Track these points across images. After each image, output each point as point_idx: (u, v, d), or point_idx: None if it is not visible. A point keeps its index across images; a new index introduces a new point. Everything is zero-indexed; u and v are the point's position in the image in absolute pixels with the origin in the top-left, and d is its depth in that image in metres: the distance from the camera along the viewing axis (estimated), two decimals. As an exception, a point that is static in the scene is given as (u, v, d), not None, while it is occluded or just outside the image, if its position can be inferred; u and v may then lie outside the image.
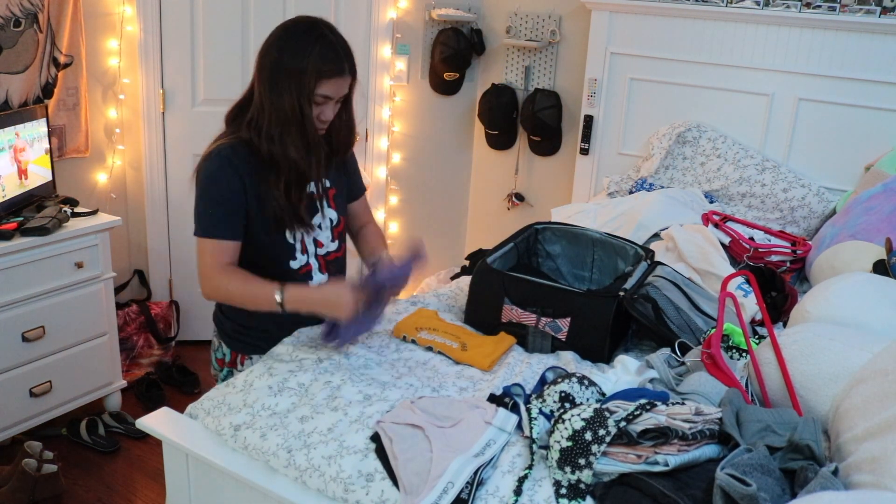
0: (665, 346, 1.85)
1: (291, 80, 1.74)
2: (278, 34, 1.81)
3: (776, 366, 1.58)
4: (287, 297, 1.75)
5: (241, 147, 1.81)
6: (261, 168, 1.81)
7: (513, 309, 2.05)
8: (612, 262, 2.38)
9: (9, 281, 2.65)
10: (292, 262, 1.90)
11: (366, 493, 1.43)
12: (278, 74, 1.76)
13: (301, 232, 1.89)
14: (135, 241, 3.65)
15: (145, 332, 3.53)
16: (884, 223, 2.41)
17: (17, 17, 2.95)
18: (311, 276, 1.94)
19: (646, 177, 3.34)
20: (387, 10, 3.67)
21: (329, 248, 1.97)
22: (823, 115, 3.13)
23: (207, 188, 1.81)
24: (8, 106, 2.96)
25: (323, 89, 1.77)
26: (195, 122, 3.55)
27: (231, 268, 1.82)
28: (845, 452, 1.35)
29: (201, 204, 1.82)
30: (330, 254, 1.98)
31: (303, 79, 1.74)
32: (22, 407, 2.78)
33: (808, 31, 3.09)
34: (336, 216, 1.98)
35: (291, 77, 1.74)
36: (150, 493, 2.75)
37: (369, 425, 1.56)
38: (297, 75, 1.74)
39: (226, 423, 1.63)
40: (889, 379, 1.36)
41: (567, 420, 1.40)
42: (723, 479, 1.21)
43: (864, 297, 1.76)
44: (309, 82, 1.74)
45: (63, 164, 3.23)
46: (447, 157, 4.19)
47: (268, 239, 1.86)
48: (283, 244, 1.88)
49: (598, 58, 3.55)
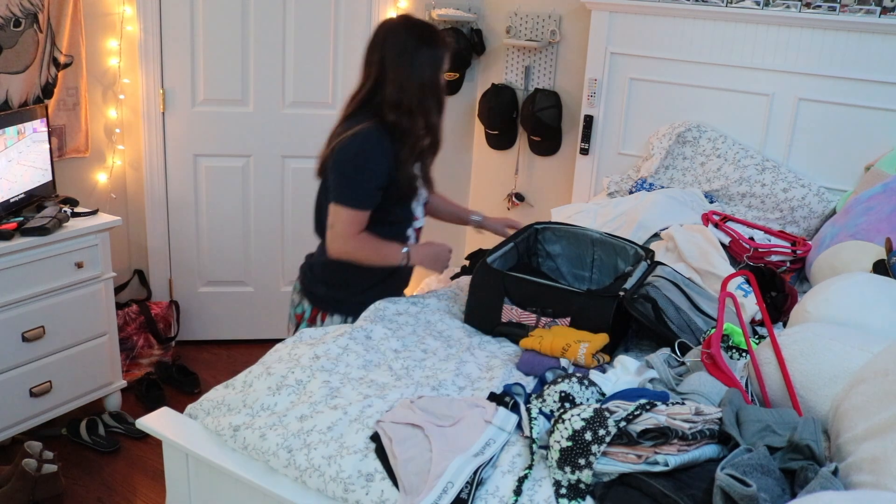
0: (665, 346, 1.85)
1: (428, 58, 2.07)
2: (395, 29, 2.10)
3: (776, 366, 1.58)
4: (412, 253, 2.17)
5: (380, 130, 2.06)
6: (396, 147, 2.08)
7: (513, 309, 2.05)
8: (612, 262, 2.38)
9: (9, 281, 2.65)
10: (416, 224, 2.25)
11: (366, 493, 1.43)
12: (416, 55, 2.06)
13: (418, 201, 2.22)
14: (135, 241, 3.65)
15: (145, 332, 3.53)
16: (884, 223, 2.41)
17: (17, 17, 2.95)
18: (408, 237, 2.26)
19: (646, 177, 3.34)
20: (387, 10, 3.67)
21: (420, 223, 2.30)
22: (823, 115, 3.13)
23: (357, 160, 2.04)
24: (8, 106, 2.96)
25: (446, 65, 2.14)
26: (195, 122, 3.55)
27: (363, 234, 2.10)
28: (845, 452, 1.35)
29: (347, 174, 2.05)
30: (419, 228, 2.30)
31: (437, 56, 2.09)
32: (22, 407, 2.78)
33: (808, 31, 3.09)
34: (425, 193, 2.28)
35: (428, 56, 2.07)
36: (150, 493, 2.75)
37: (369, 425, 1.56)
38: (432, 54, 2.08)
39: (225, 423, 1.63)
40: (889, 379, 1.35)
41: (567, 420, 1.40)
42: (723, 480, 1.21)
43: (864, 297, 1.76)
44: (442, 58, 2.11)
45: (63, 164, 3.23)
46: (447, 157, 4.18)
47: (397, 211, 2.16)
48: (408, 212, 2.20)
49: (598, 58, 3.55)
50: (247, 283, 3.84)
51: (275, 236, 3.80)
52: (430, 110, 2.11)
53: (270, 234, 3.79)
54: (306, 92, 3.64)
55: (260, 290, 3.86)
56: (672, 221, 2.78)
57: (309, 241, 3.82)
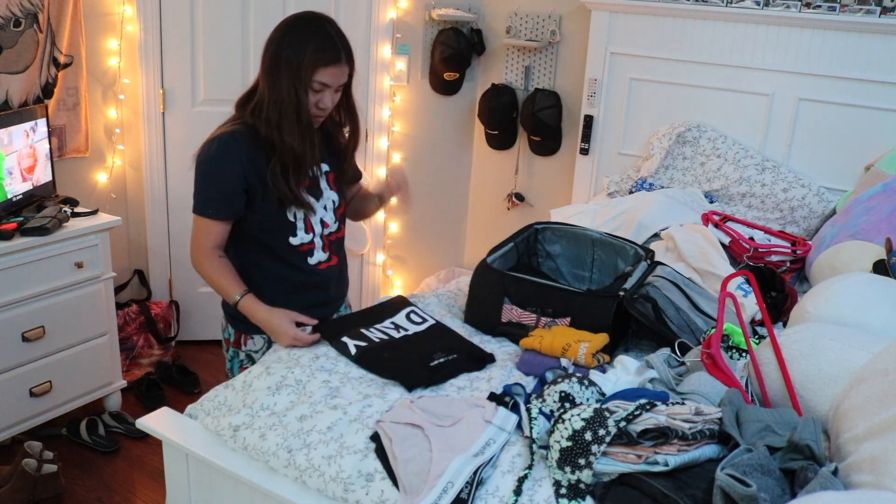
0: (665, 346, 1.85)
1: (290, 69, 1.85)
2: (281, 27, 1.92)
3: (776, 366, 1.58)
4: (242, 303, 1.94)
5: (242, 133, 1.92)
6: (263, 151, 1.92)
7: (513, 309, 2.05)
8: (612, 262, 2.38)
9: (9, 281, 2.65)
10: (292, 239, 2.00)
11: (366, 493, 1.43)
12: (278, 64, 1.87)
13: (301, 211, 1.99)
14: (135, 241, 3.65)
15: (145, 332, 3.53)
16: (884, 223, 2.41)
17: (17, 17, 2.95)
18: (311, 254, 2.04)
19: (646, 177, 3.34)
20: (387, 10, 3.67)
21: (332, 229, 2.08)
22: (823, 115, 3.13)
23: (205, 171, 1.93)
24: (8, 106, 2.96)
25: (320, 76, 1.87)
26: (195, 122, 3.55)
27: (215, 254, 1.96)
28: (845, 452, 1.35)
29: (199, 182, 1.94)
30: (332, 234, 2.09)
31: (300, 67, 1.85)
32: (22, 407, 2.78)
33: (808, 31, 3.09)
34: (337, 198, 2.09)
35: (290, 66, 1.85)
36: (150, 493, 2.75)
37: (369, 425, 1.56)
38: (295, 64, 1.85)
39: (225, 423, 1.63)
40: (889, 379, 1.35)
41: (567, 420, 1.40)
42: (723, 480, 1.21)
43: (864, 297, 1.76)
44: (306, 70, 1.85)
45: (63, 164, 3.23)
46: (447, 157, 4.19)
47: (272, 216, 1.97)
48: (284, 222, 1.98)
49: (598, 58, 3.55)
50: (247, 283, 3.84)
51: (275, 236, 3.80)
52: (284, 130, 1.87)
53: (270, 234, 3.79)
54: (306, 92, 3.64)
55: (260, 290, 3.85)
56: (672, 221, 2.78)
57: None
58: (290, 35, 1.88)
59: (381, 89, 3.80)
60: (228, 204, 1.93)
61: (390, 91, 3.84)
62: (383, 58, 3.75)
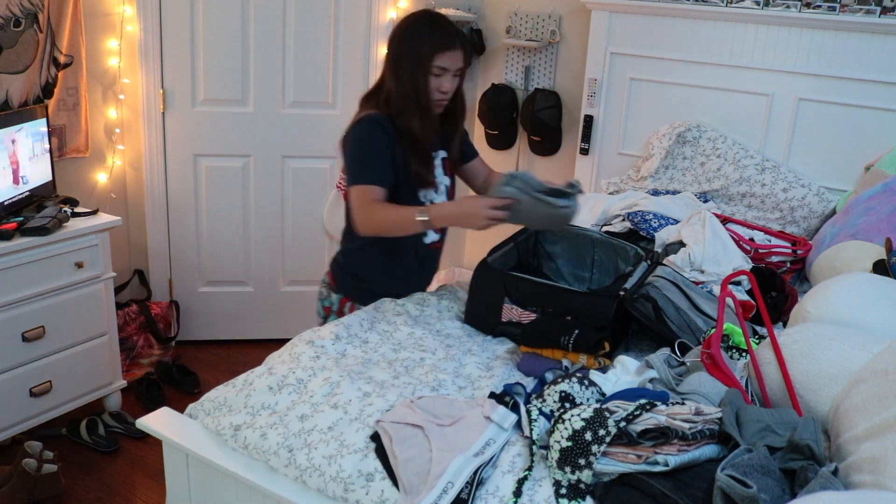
0: (665, 345, 1.84)
1: (412, 58, 2.06)
2: (400, 26, 2.13)
3: (776, 366, 1.58)
4: (432, 214, 2.03)
5: (382, 118, 2.11)
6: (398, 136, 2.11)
7: (513, 308, 2.05)
8: (613, 262, 2.38)
9: (9, 281, 2.65)
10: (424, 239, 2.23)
11: (366, 492, 1.43)
12: (400, 57, 2.09)
13: (430, 192, 2.19)
14: (135, 241, 3.65)
15: (145, 332, 3.53)
16: (884, 223, 2.41)
17: (17, 17, 2.95)
18: (426, 233, 2.24)
19: (646, 176, 3.34)
20: (387, 10, 3.67)
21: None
22: (823, 115, 3.13)
23: (360, 143, 2.10)
24: (8, 106, 2.96)
25: (439, 61, 2.05)
26: (195, 122, 3.55)
27: (379, 202, 2.08)
28: (845, 452, 1.35)
29: (354, 157, 2.11)
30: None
31: (421, 55, 2.05)
32: (22, 407, 2.78)
33: (808, 31, 3.09)
34: (449, 182, 2.28)
35: (411, 56, 2.06)
36: (150, 493, 2.75)
37: (369, 424, 1.56)
38: (416, 53, 2.05)
39: (226, 423, 1.63)
40: (889, 379, 1.35)
41: (567, 420, 1.40)
42: (723, 481, 1.21)
43: (864, 297, 1.76)
44: (427, 56, 2.04)
45: (63, 164, 3.23)
46: (447, 157, 4.19)
47: (405, 196, 2.14)
48: (416, 202, 2.16)
49: (598, 58, 3.55)
50: (247, 283, 3.84)
51: (275, 236, 3.80)
52: (406, 113, 2.09)
53: (270, 234, 3.79)
54: (306, 92, 3.64)
55: (260, 290, 3.86)
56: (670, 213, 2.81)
57: (308, 240, 3.84)
58: (409, 29, 2.08)
59: (381, 89, 3.79)
60: (384, 171, 2.09)
61: (390, 91, 3.84)
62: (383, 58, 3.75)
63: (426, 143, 2.13)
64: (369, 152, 2.09)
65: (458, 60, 2.08)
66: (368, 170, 2.09)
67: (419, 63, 2.05)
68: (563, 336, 1.85)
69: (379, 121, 2.10)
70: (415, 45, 2.05)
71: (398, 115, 2.09)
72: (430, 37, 2.05)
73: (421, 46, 2.05)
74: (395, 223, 2.08)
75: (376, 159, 2.09)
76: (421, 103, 2.08)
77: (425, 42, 2.05)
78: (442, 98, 2.11)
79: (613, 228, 2.82)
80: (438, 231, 2.28)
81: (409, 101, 2.07)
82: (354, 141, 2.11)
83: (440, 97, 2.11)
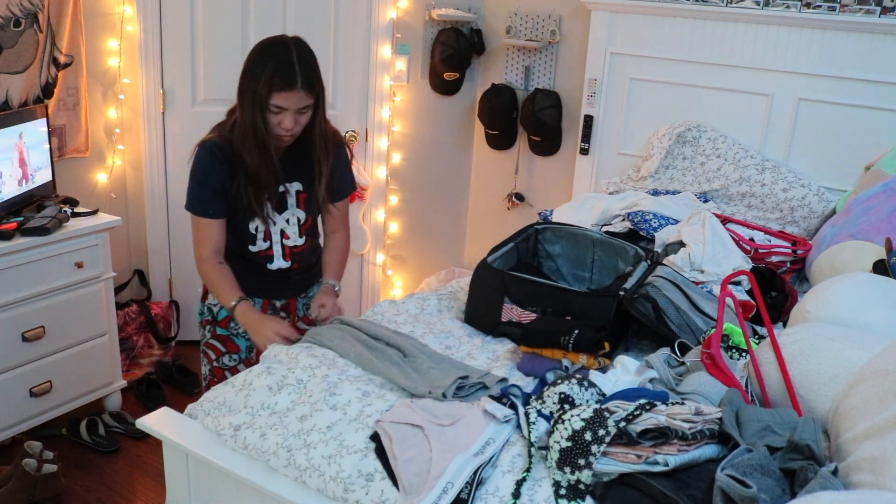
0: (665, 345, 1.85)
1: (251, 93, 1.97)
2: (250, 53, 2.03)
3: (776, 366, 1.58)
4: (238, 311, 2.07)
5: (225, 144, 2.06)
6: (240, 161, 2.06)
7: (513, 308, 2.05)
8: (613, 262, 2.39)
9: (9, 281, 2.65)
10: (251, 247, 2.17)
11: (366, 492, 1.43)
12: (243, 88, 2.00)
13: (259, 223, 2.13)
14: (135, 241, 3.65)
15: (145, 332, 3.53)
16: (884, 223, 2.41)
17: (17, 17, 2.95)
18: (271, 260, 2.19)
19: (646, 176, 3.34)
20: (387, 10, 3.67)
21: (296, 242, 2.21)
22: (823, 115, 3.12)
23: (196, 171, 2.08)
24: (8, 106, 2.96)
25: (275, 100, 1.96)
26: (195, 122, 3.55)
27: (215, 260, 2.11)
28: (845, 452, 1.35)
29: (191, 182, 2.10)
30: (297, 246, 2.21)
31: (258, 91, 1.95)
32: (22, 407, 2.77)
33: (808, 31, 3.09)
34: (304, 215, 2.20)
35: (250, 90, 1.97)
36: (150, 493, 2.75)
37: (369, 424, 1.56)
38: (253, 88, 1.96)
39: (225, 423, 1.63)
40: (889, 379, 1.35)
41: (567, 420, 1.40)
42: (723, 481, 1.21)
43: (864, 297, 1.76)
44: (263, 94, 1.95)
45: (63, 164, 3.23)
46: (447, 157, 4.19)
47: (237, 224, 2.14)
48: (245, 231, 2.14)
49: (598, 58, 3.55)
50: (247, 283, 3.84)
51: (275, 236, 3.80)
52: (245, 150, 2.01)
53: (270, 234, 3.79)
54: (306, 92, 3.64)
55: (260, 290, 3.85)
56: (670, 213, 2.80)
57: (309, 241, 3.83)
58: (254, 60, 2.00)
59: (381, 89, 3.80)
60: (217, 204, 2.08)
61: (390, 91, 3.84)
62: (383, 58, 3.75)
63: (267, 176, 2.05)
64: (204, 183, 2.07)
65: (297, 100, 1.97)
66: (202, 201, 2.08)
67: (256, 100, 1.96)
68: (563, 336, 1.85)
69: (216, 149, 2.05)
70: (254, 79, 1.96)
71: (239, 146, 2.02)
72: (270, 73, 1.94)
73: (258, 82, 1.94)
74: (214, 289, 2.14)
75: (208, 191, 2.07)
76: (258, 139, 1.99)
77: (262, 80, 1.94)
78: (285, 134, 2.01)
79: (613, 228, 2.82)
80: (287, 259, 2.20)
81: (248, 135, 2.00)
82: (194, 165, 2.08)
83: (283, 133, 2.00)
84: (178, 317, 3.68)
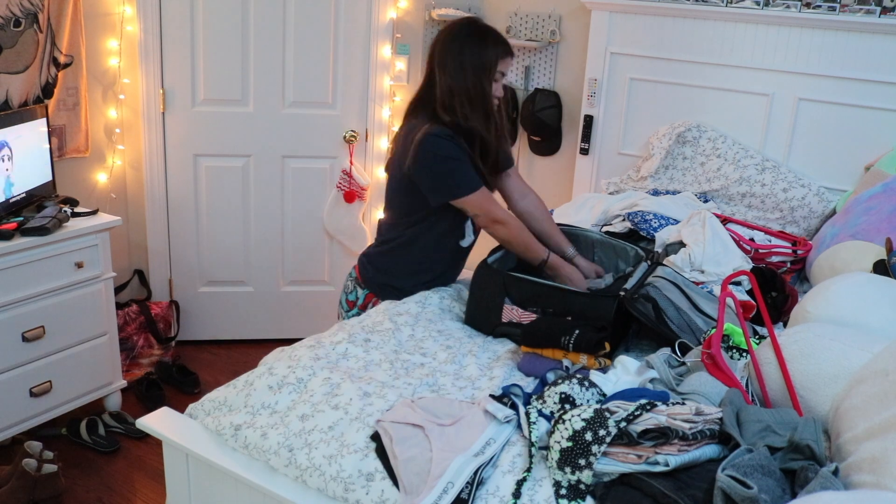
0: (665, 346, 1.85)
1: (475, 66, 2.14)
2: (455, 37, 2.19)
3: (776, 366, 1.58)
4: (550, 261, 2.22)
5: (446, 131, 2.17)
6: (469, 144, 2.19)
7: (513, 308, 2.05)
8: (613, 262, 2.39)
9: (9, 281, 2.65)
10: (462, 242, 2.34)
11: (366, 492, 1.43)
12: (463, 64, 2.15)
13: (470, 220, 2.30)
14: (135, 241, 3.65)
15: (145, 332, 3.53)
16: (884, 223, 2.41)
17: (17, 17, 2.95)
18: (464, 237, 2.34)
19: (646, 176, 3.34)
20: (387, 10, 3.67)
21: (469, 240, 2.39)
22: (823, 115, 3.13)
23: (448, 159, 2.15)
24: (8, 106, 2.96)
25: (501, 66, 2.19)
26: (195, 122, 3.55)
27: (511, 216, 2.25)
28: (845, 452, 1.35)
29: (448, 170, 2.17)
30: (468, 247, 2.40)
31: (485, 59, 2.15)
32: (22, 407, 2.78)
33: (808, 31, 3.09)
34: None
35: (473, 59, 2.15)
36: (150, 493, 2.75)
37: (369, 424, 1.56)
38: (479, 57, 2.15)
39: (226, 422, 1.63)
40: (889, 379, 1.35)
41: (567, 420, 1.40)
42: (724, 481, 1.21)
43: (864, 297, 1.76)
44: (492, 63, 2.16)
45: (63, 164, 3.23)
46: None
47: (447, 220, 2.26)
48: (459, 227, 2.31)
49: (598, 58, 3.55)
50: (247, 283, 3.84)
51: (275, 236, 3.80)
52: (473, 118, 2.16)
53: (270, 234, 3.79)
54: (306, 92, 3.64)
55: (260, 290, 3.86)
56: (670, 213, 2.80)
57: (308, 240, 3.83)
58: (469, 39, 2.17)
59: (381, 89, 3.80)
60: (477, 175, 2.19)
61: (390, 91, 3.84)
62: (383, 58, 3.75)
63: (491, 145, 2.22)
64: (463, 160, 2.17)
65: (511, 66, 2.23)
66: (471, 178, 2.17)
67: (484, 70, 2.14)
68: (563, 336, 1.85)
69: (448, 134, 2.16)
70: (479, 53, 2.15)
71: (466, 121, 2.16)
72: (493, 44, 2.16)
73: (486, 53, 2.15)
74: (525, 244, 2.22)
75: (468, 166, 2.17)
76: (485, 106, 2.17)
77: (489, 49, 2.15)
78: (499, 100, 2.22)
79: (613, 228, 2.82)
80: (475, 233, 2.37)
81: (477, 105, 2.16)
82: (442, 153, 2.15)
83: (497, 99, 2.22)
84: (178, 317, 3.69)
